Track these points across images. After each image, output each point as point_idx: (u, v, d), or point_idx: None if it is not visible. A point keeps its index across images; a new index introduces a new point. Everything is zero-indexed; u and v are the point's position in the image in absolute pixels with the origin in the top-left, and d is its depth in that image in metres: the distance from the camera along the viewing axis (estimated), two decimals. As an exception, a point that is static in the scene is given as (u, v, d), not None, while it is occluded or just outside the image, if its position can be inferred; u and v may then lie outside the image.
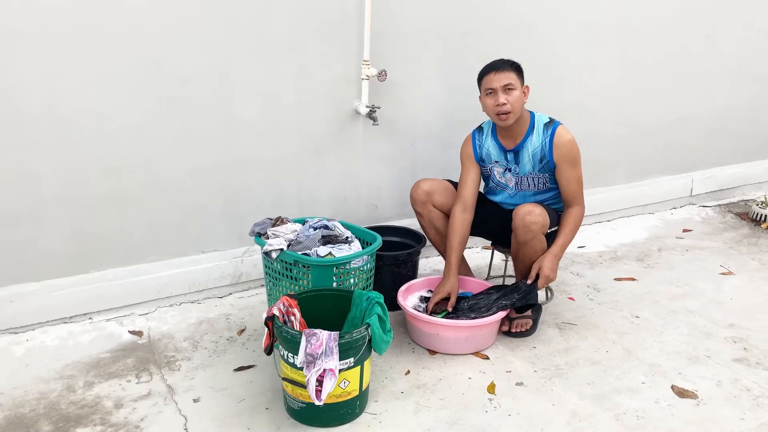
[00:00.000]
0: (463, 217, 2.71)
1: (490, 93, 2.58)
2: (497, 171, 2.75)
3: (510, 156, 2.69)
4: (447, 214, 2.82)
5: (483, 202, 2.83)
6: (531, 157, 2.66)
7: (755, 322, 2.83)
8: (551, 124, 2.64)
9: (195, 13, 2.61)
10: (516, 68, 2.59)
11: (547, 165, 2.65)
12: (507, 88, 2.55)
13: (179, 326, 2.72)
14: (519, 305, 2.60)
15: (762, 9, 4.21)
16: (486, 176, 2.81)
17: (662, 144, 4.12)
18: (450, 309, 2.65)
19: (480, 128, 2.78)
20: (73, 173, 2.56)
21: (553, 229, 2.65)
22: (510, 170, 2.72)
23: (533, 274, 2.60)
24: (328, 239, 2.58)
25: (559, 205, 2.76)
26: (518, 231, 2.56)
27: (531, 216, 2.52)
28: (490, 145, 2.72)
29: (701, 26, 4.00)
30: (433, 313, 2.62)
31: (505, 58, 2.64)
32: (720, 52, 4.14)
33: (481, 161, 2.76)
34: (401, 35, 3.06)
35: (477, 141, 2.75)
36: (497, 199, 2.84)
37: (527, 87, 2.62)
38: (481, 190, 2.88)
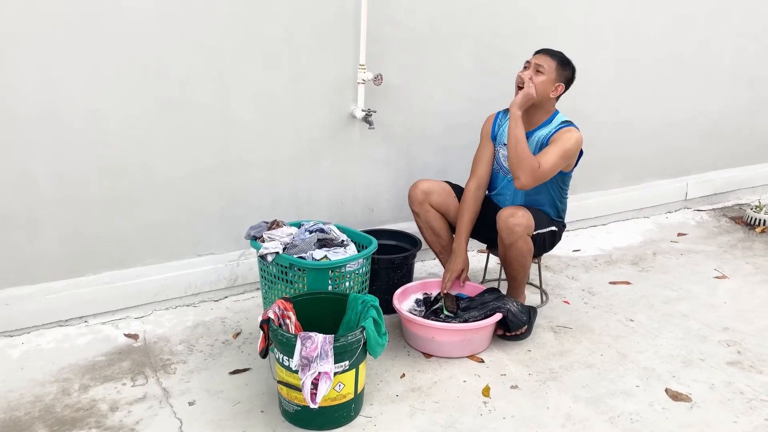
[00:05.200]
0: (476, 194, 2.77)
1: (525, 66, 2.67)
2: (502, 153, 2.79)
3: None
4: (444, 215, 2.83)
5: (483, 203, 2.83)
6: (535, 144, 2.70)
7: (749, 326, 2.85)
8: (566, 123, 2.70)
9: (192, 16, 2.62)
10: (562, 62, 2.66)
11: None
12: (537, 70, 2.62)
13: (175, 329, 2.72)
14: (510, 317, 2.59)
15: (756, 14, 4.23)
16: (494, 157, 2.85)
17: (657, 148, 4.13)
18: (463, 284, 2.72)
19: (506, 111, 2.80)
20: (69, 175, 2.56)
21: (539, 231, 2.66)
22: None
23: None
24: (324, 242, 2.58)
25: (552, 210, 2.78)
26: (502, 233, 2.58)
27: (514, 218, 2.54)
28: (507, 127, 2.73)
29: (696, 31, 4.02)
30: (445, 310, 2.65)
31: (566, 55, 2.71)
32: (715, 56, 4.16)
33: (494, 139, 2.80)
34: (397, 39, 3.07)
35: (499, 120, 2.81)
36: (495, 182, 2.85)
37: (560, 86, 2.67)
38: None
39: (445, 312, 2.66)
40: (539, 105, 2.67)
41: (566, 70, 2.68)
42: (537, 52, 2.71)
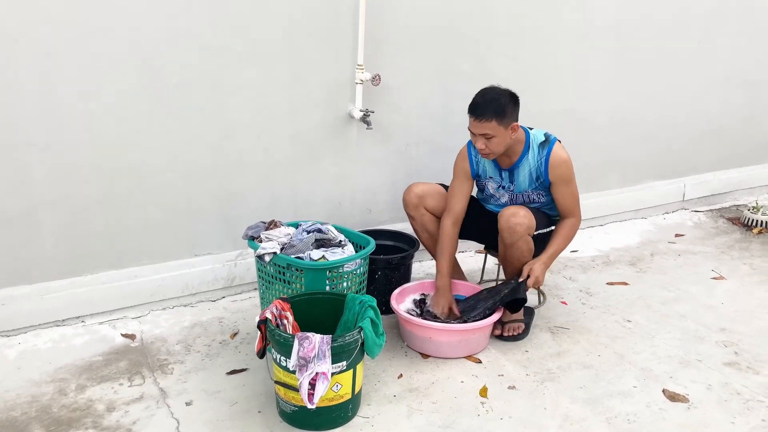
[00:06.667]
0: (453, 230, 2.73)
1: (472, 133, 2.55)
2: (491, 186, 2.77)
3: (505, 174, 2.70)
4: (439, 218, 2.83)
5: (476, 206, 2.84)
6: (527, 176, 2.66)
7: (746, 327, 2.85)
8: (546, 144, 2.62)
9: (190, 17, 2.61)
10: (499, 115, 2.46)
11: (543, 184, 2.66)
12: (485, 137, 2.51)
13: (172, 329, 2.71)
14: (507, 300, 2.60)
15: (753, 16, 4.24)
16: (480, 187, 2.82)
17: (655, 149, 4.14)
18: (457, 314, 2.66)
19: None
20: (66, 175, 2.56)
21: (540, 231, 2.66)
22: (504, 187, 2.73)
23: (525, 274, 2.61)
24: (322, 243, 2.58)
25: (554, 212, 2.77)
26: (504, 233, 2.58)
27: (516, 218, 2.53)
28: (486, 163, 2.71)
29: (693, 33, 4.03)
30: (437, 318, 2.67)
31: (493, 94, 2.50)
32: (712, 58, 4.16)
33: (477, 177, 2.77)
34: (395, 40, 3.07)
35: (473, 156, 2.73)
36: (490, 207, 2.85)
37: (515, 125, 2.53)
38: (474, 194, 2.88)
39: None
40: (510, 143, 2.58)
41: (507, 113, 2.48)
42: (471, 116, 2.50)
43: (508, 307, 2.63)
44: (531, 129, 2.68)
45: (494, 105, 2.48)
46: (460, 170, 2.76)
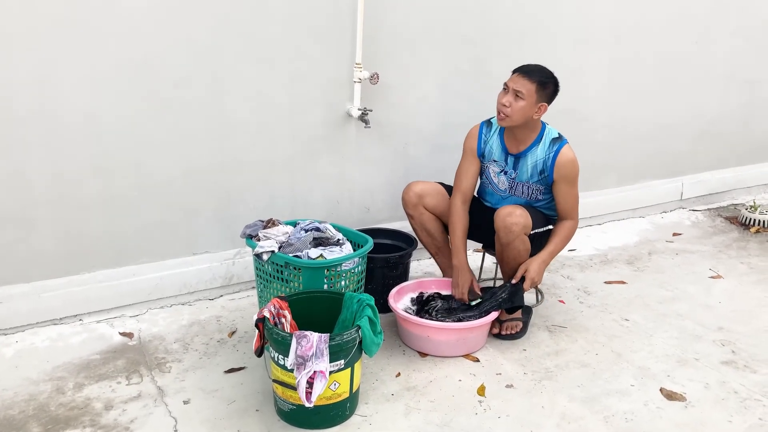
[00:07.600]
0: (463, 208, 2.76)
1: (505, 88, 2.59)
2: (493, 170, 2.77)
3: (510, 160, 2.70)
4: (438, 217, 2.83)
5: (474, 205, 2.84)
6: (531, 167, 2.67)
7: (744, 326, 2.85)
8: (558, 141, 2.65)
9: (188, 15, 2.61)
10: (542, 84, 2.55)
11: (545, 179, 2.67)
12: (516, 94, 2.54)
13: (170, 328, 2.71)
14: (505, 306, 2.61)
15: (751, 15, 4.24)
16: (481, 171, 2.83)
17: (653, 148, 4.14)
18: (479, 291, 2.70)
19: (489, 123, 2.76)
20: (64, 174, 2.56)
21: (536, 230, 2.66)
22: (506, 173, 2.73)
23: (519, 275, 2.62)
24: (320, 241, 2.58)
25: (551, 212, 2.78)
26: (500, 232, 2.58)
27: (512, 217, 2.54)
28: (494, 143, 2.73)
29: (691, 32, 4.04)
30: (471, 302, 2.68)
31: (545, 69, 2.60)
32: (710, 58, 4.17)
33: (481, 156, 2.77)
34: (394, 39, 3.07)
35: (483, 136, 2.75)
36: (486, 198, 2.85)
37: (543, 105, 2.57)
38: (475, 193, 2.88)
39: (472, 303, 2.67)
40: (525, 125, 2.62)
41: (547, 89, 2.57)
42: (515, 72, 2.59)
43: (504, 308, 2.64)
44: (548, 124, 2.70)
45: (543, 74, 2.58)
46: (468, 149, 2.79)
